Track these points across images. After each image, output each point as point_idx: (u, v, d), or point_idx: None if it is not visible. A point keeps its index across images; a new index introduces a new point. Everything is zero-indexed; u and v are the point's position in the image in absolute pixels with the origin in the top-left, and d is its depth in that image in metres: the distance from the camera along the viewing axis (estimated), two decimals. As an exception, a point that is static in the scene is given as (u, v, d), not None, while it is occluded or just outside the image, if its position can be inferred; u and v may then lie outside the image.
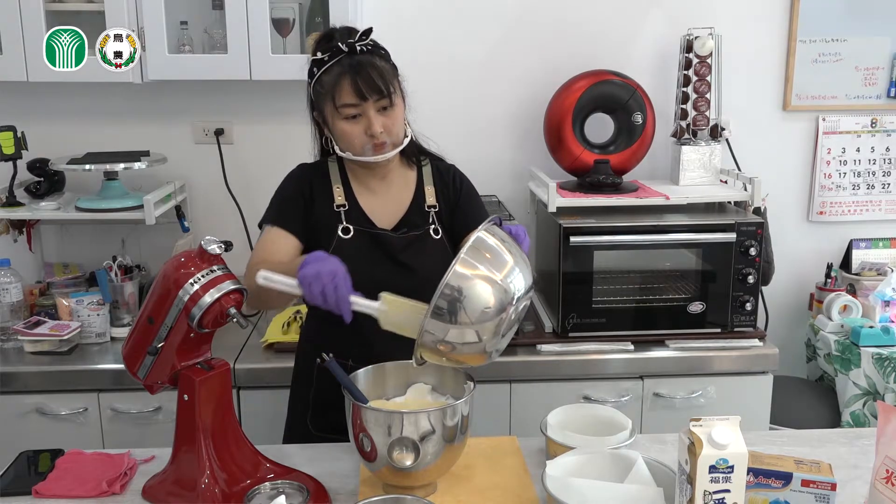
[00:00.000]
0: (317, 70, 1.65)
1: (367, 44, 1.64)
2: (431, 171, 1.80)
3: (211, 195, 2.73)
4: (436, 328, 1.29)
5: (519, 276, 1.32)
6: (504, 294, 1.30)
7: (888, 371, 2.44)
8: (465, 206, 1.78)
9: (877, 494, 1.25)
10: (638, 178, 2.70)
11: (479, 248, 1.31)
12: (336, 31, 1.68)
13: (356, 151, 1.66)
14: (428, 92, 2.64)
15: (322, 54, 1.63)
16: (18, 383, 2.23)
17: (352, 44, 1.61)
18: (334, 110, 1.63)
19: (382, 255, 1.70)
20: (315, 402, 1.77)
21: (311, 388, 1.77)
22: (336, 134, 1.67)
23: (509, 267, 1.32)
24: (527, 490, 1.47)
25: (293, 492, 1.44)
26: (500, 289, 1.29)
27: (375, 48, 1.65)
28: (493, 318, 1.29)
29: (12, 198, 2.47)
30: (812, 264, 2.88)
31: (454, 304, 1.27)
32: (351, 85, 1.59)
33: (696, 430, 1.18)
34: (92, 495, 1.46)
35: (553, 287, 2.39)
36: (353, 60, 1.60)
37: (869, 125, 2.85)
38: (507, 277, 1.31)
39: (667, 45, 2.71)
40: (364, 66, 1.60)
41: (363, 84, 1.59)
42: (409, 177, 1.79)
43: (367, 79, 1.59)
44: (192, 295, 1.37)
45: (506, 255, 1.33)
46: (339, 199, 1.72)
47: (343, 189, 1.73)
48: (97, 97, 2.64)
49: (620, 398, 2.30)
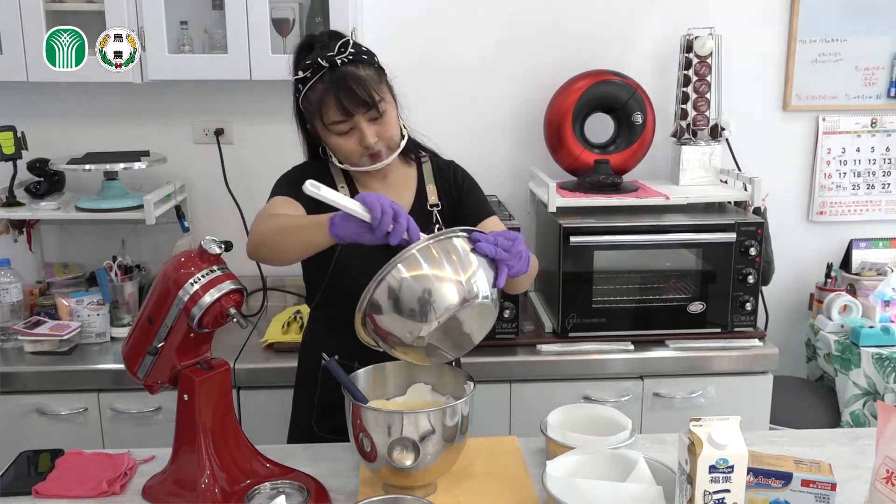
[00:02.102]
0: (301, 87, 1.62)
1: (348, 55, 1.58)
2: (432, 169, 1.79)
3: (211, 195, 2.73)
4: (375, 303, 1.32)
5: (444, 289, 1.31)
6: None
7: (888, 371, 2.44)
8: (468, 199, 1.77)
9: (877, 494, 1.25)
10: (638, 178, 2.70)
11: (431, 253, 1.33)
12: (315, 41, 1.64)
13: (354, 162, 1.65)
14: (428, 92, 2.67)
15: (303, 72, 1.59)
16: (18, 383, 2.23)
17: (332, 57, 1.57)
18: (325, 127, 1.61)
19: (387, 256, 1.70)
20: (320, 403, 1.77)
21: (315, 391, 1.77)
22: (331, 147, 1.66)
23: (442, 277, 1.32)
24: (527, 490, 1.47)
25: (293, 492, 1.44)
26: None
27: (357, 55, 1.60)
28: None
29: (12, 198, 2.47)
30: (812, 264, 2.88)
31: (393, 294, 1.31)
32: (335, 103, 1.56)
33: (696, 430, 1.18)
34: (92, 495, 1.46)
35: (553, 287, 2.40)
36: (336, 75, 1.56)
37: (869, 125, 2.85)
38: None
39: (667, 45, 2.71)
40: (347, 79, 1.55)
41: (347, 101, 1.55)
42: (410, 175, 1.78)
43: (351, 95, 1.55)
44: (192, 295, 1.37)
45: (445, 269, 1.32)
46: None
47: (348, 189, 1.72)
48: (97, 97, 2.64)
49: (620, 398, 2.30)
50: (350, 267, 1.64)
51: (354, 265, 1.60)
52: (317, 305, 1.78)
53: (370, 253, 1.54)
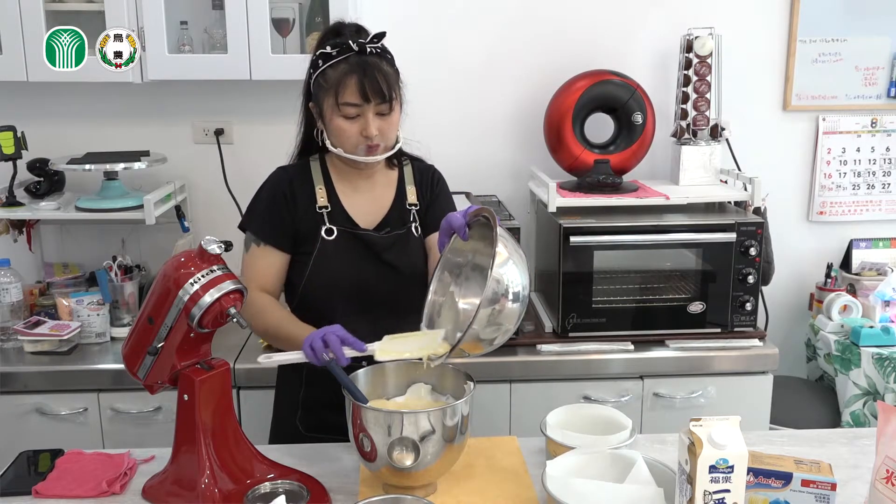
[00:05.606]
0: (322, 63, 1.64)
1: (378, 46, 1.64)
2: (413, 172, 1.82)
3: (211, 195, 2.72)
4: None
5: (514, 269, 1.34)
6: (497, 285, 1.31)
7: (888, 371, 2.44)
8: (438, 204, 1.80)
9: (877, 494, 1.25)
10: (638, 178, 2.70)
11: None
12: (345, 27, 1.69)
13: (348, 149, 1.66)
14: (428, 92, 2.67)
15: (331, 49, 1.63)
16: (18, 383, 2.23)
17: (363, 43, 1.61)
18: (335, 106, 1.63)
19: (367, 254, 1.71)
20: (305, 402, 1.78)
21: (300, 389, 1.78)
22: (331, 129, 1.67)
23: (503, 259, 1.33)
24: (527, 490, 1.47)
25: (293, 492, 1.44)
26: (492, 280, 1.31)
27: (384, 52, 1.66)
28: (486, 307, 1.31)
29: (12, 198, 2.47)
30: (812, 264, 2.88)
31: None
32: (357, 85, 1.60)
33: (696, 430, 1.18)
34: (92, 495, 1.46)
35: (553, 287, 2.39)
36: (362, 60, 1.61)
37: (869, 125, 2.85)
38: (499, 269, 1.32)
39: (667, 45, 2.71)
40: (371, 67, 1.60)
41: (368, 86, 1.59)
42: (391, 177, 1.81)
43: (373, 81, 1.59)
44: (192, 295, 1.37)
45: (502, 250, 1.34)
46: (321, 200, 1.72)
47: (326, 190, 1.73)
48: (97, 97, 2.64)
49: (620, 398, 2.30)
50: (327, 269, 1.69)
51: (332, 266, 1.69)
52: (297, 307, 1.78)
53: (346, 256, 1.56)
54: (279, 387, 1.87)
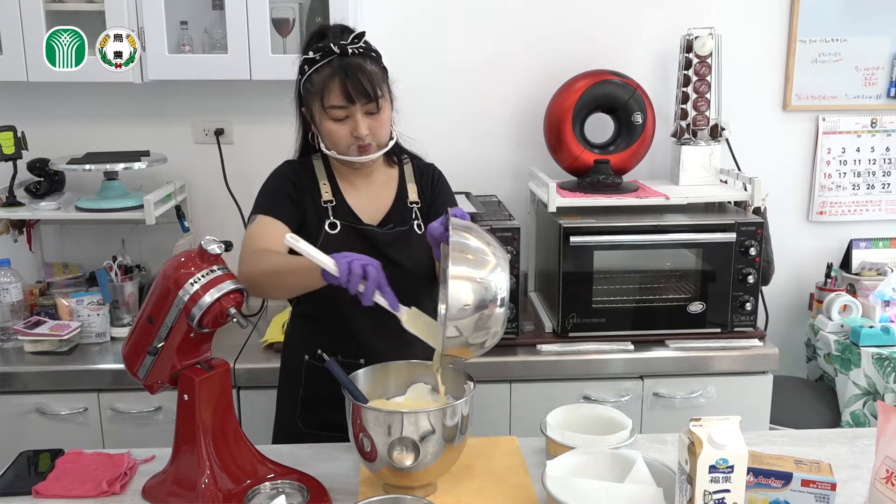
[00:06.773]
0: (307, 68, 1.65)
1: (360, 46, 1.64)
2: (413, 170, 1.82)
3: (211, 195, 2.73)
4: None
5: (500, 274, 1.34)
6: (485, 291, 1.31)
7: (888, 371, 2.44)
8: (440, 201, 1.81)
9: (877, 494, 1.25)
10: (638, 178, 2.70)
11: (461, 250, 1.33)
12: (329, 30, 1.69)
13: (341, 151, 1.67)
14: (428, 92, 2.67)
15: (314, 53, 1.64)
16: (18, 383, 2.23)
17: (344, 45, 1.62)
18: (322, 110, 1.64)
19: (369, 249, 1.71)
20: (304, 399, 1.78)
21: (299, 386, 1.78)
22: (322, 132, 1.68)
23: (491, 266, 1.33)
24: (527, 490, 1.47)
25: (293, 492, 1.44)
26: (479, 287, 1.31)
27: (367, 50, 1.66)
28: (472, 315, 1.30)
29: (12, 198, 2.47)
30: (812, 264, 2.88)
31: None
32: (340, 87, 1.60)
33: (696, 430, 1.18)
34: (92, 495, 1.46)
35: (553, 287, 2.39)
36: (344, 62, 1.61)
37: (869, 125, 2.85)
38: (487, 276, 1.32)
39: (667, 45, 2.71)
40: (354, 69, 1.61)
41: (352, 87, 1.60)
42: (392, 175, 1.81)
43: (356, 82, 1.60)
44: (192, 295, 1.37)
45: (489, 256, 1.34)
46: (326, 195, 1.73)
47: (330, 186, 1.74)
48: (97, 97, 2.64)
49: (620, 398, 2.30)
50: None
51: None
52: (298, 302, 1.79)
53: (349, 250, 1.57)
54: (281, 385, 1.87)
